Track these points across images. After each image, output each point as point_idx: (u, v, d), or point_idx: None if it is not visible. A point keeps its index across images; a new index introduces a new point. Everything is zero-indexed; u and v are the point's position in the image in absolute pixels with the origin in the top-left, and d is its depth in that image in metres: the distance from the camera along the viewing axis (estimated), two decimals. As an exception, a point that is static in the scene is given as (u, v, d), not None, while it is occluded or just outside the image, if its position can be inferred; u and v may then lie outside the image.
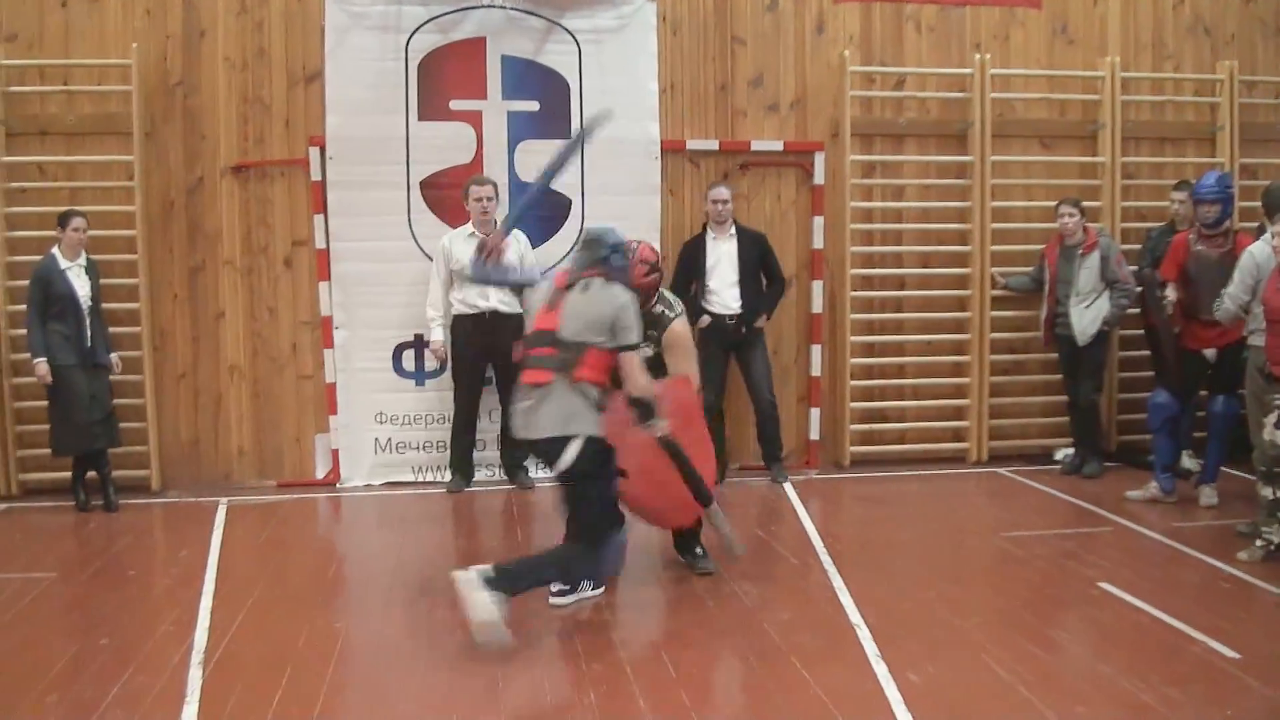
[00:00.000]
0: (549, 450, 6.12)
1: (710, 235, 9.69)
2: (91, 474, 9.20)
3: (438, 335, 9.52)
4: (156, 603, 6.91)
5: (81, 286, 8.91)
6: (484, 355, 9.48)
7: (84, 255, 9.01)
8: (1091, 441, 9.88)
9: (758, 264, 9.68)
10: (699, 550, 7.23)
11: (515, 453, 9.67)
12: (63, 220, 8.91)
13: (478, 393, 9.66)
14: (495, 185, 9.47)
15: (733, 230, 9.70)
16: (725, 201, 9.64)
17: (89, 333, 8.91)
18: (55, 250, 8.90)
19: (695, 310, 9.53)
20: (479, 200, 9.31)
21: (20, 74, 9.57)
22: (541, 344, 6.16)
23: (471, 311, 9.38)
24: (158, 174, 9.70)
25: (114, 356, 9.16)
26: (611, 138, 9.86)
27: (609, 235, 6.42)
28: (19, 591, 6.98)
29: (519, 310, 9.29)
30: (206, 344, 9.92)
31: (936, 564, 7.13)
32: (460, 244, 9.29)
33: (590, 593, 6.77)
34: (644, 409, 6.37)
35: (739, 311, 9.56)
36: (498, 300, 9.32)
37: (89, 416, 8.90)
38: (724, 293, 9.60)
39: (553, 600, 6.61)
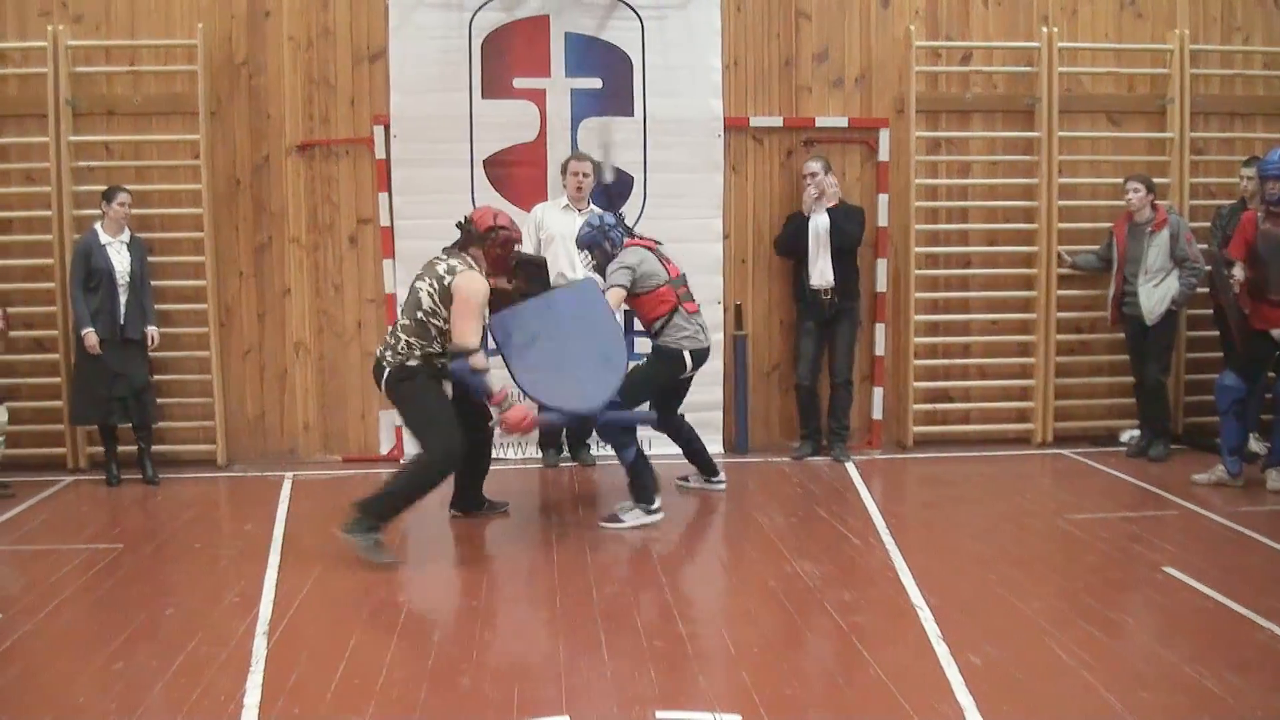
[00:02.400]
0: None
1: (810, 212, 9.69)
2: (131, 448, 9.43)
3: None
4: (222, 574, 6.99)
5: (120, 262, 9.06)
6: None
7: (127, 232, 9.17)
8: (1158, 423, 9.75)
9: (852, 238, 9.68)
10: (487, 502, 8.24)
11: (579, 429, 9.74)
12: (108, 195, 9.08)
13: None
14: (593, 163, 9.51)
15: (828, 204, 9.69)
16: (813, 174, 9.63)
17: (123, 309, 9.07)
18: (98, 226, 9.09)
19: (801, 286, 9.75)
20: (575, 175, 9.34)
21: (87, 54, 9.73)
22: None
23: (559, 282, 9.43)
24: (223, 153, 9.81)
25: (152, 329, 9.28)
26: (674, 115, 9.92)
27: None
28: (86, 562, 7.11)
29: (602, 285, 9.38)
30: (272, 320, 10.03)
31: (999, 546, 7.07)
32: (553, 214, 9.35)
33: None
34: None
35: (831, 285, 9.58)
36: (585, 274, 9.27)
37: (109, 391, 9.05)
38: (815, 266, 9.62)
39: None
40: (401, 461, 9.53)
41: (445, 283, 7.16)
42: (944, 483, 9.16)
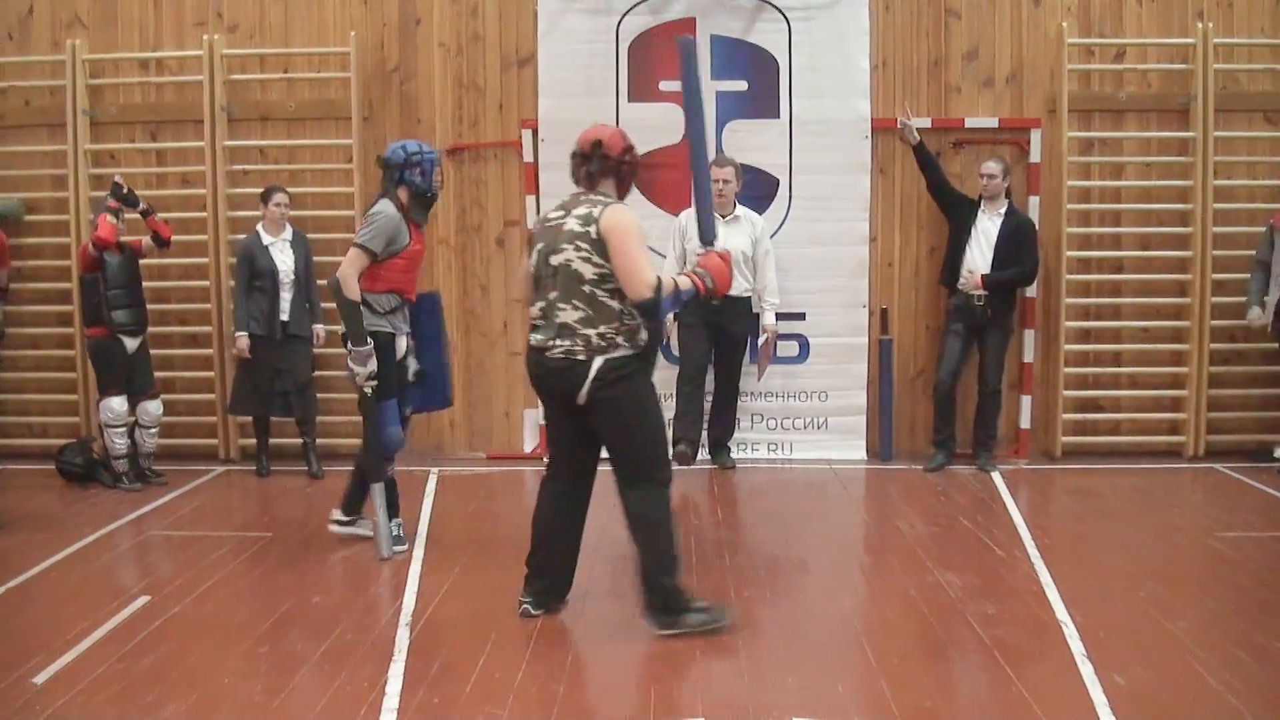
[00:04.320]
0: None
1: (981, 209, 9.53)
2: (279, 441, 9.78)
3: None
4: (367, 565, 7.15)
5: (284, 261, 9.30)
6: (710, 335, 9.50)
7: (289, 230, 9.41)
8: (1315, 438, 9.42)
9: (1017, 249, 9.44)
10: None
11: (718, 433, 9.75)
12: (265, 196, 9.36)
13: (703, 374, 9.61)
14: (735, 167, 9.44)
15: (1003, 209, 9.50)
16: (991, 176, 9.43)
17: (288, 306, 9.31)
18: (259, 227, 9.36)
19: (952, 277, 9.55)
20: (715, 181, 9.17)
21: (242, 63, 10.07)
22: None
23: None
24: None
25: (319, 328, 9.55)
26: (821, 116, 9.84)
27: (395, 156, 7.16)
28: (235, 549, 7.32)
29: (749, 294, 9.43)
30: (421, 320, 10.20)
31: (1147, 562, 6.91)
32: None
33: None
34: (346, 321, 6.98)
35: (985, 293, 9.39)
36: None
37: (270, 385, 9.30)
38: (969, 261, 9.46)
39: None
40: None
41: (594, 234, 5.75)
42: (1092, 495, 8.97)
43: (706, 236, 6.09)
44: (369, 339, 6.89)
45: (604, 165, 5.99)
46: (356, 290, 6.89)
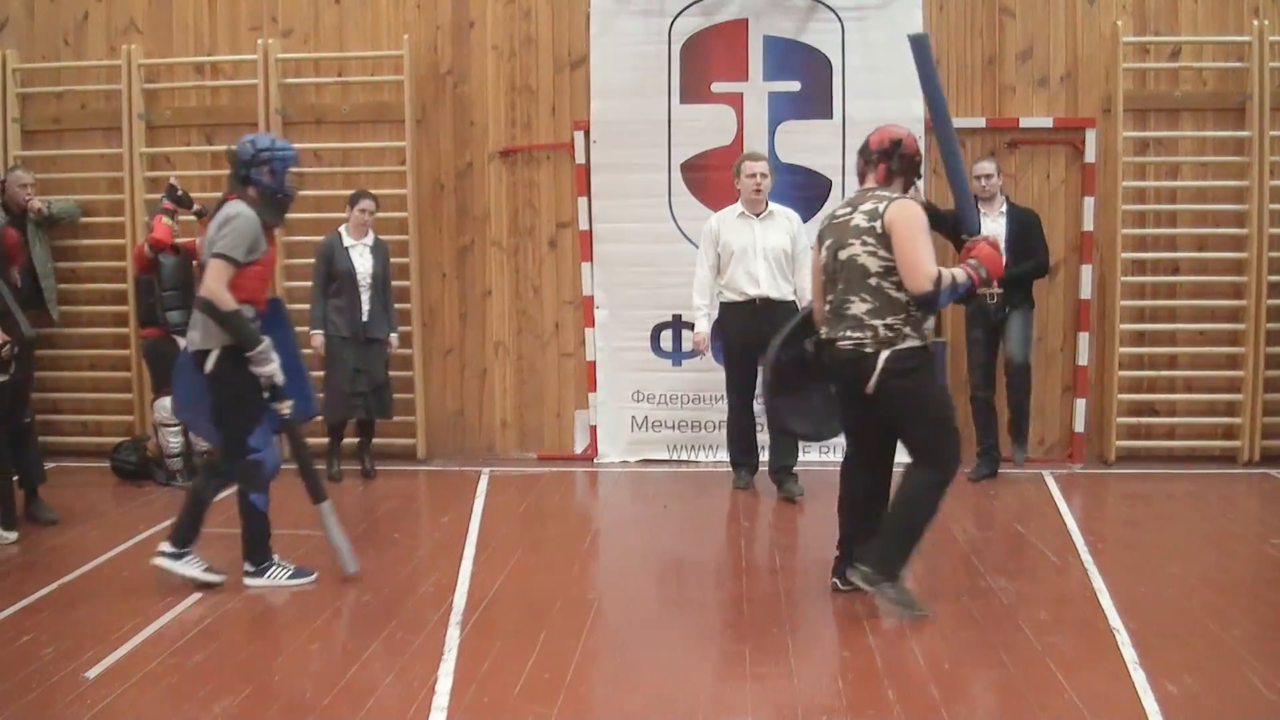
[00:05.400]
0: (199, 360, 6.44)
1: (981, 211, 9.22)
2: (350, 441, 9.70)
3: (702, 325, 9.03)
4: (418, 564, 7.21)
5: (363, 264, 9.33)
6: (756, 345, 9.22)
7: (371, 235, 9.45)
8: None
9: (1027, 244, 9.23)
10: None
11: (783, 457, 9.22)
12: (352, 200, 9.44)
13: (752, 385, 9.00)
14: (768, 162, 9.07)
15: (1003, 209, 9.31)
16: (988, 176, 9.26)
17: (365, 308, 9.32)
18: (342, 229, 9.41)
19: None
20: (752, 176, 8.78)
21: (296, 66, 10.19)
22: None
23: (740, 299, 8.83)
24: (428, 159, 10.13)
25: (394, 336, 9.57)
26: (874, 117, 9.71)
27: (243, 151, 6.50)
28: (288, 548, 7.26)
29: (791, 297, 8.89)
30: (473, 320, 10.30)
31: (1201, 570, 6.81)
32: (730, 225, 8.88)
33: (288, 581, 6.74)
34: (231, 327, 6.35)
35: (999, 292, 9.14)
36: (768, 286, 8.80)
37: (352, 387, 9.31)
38: None
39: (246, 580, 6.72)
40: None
41: (879, 228, 5.92)
42: (1146, 500, 8.90)
43: (971, 226, 6.36)
44: (261, 337, 6.43)
45: (902, 164, 6.20)
46: (231, 299, 6.29)
